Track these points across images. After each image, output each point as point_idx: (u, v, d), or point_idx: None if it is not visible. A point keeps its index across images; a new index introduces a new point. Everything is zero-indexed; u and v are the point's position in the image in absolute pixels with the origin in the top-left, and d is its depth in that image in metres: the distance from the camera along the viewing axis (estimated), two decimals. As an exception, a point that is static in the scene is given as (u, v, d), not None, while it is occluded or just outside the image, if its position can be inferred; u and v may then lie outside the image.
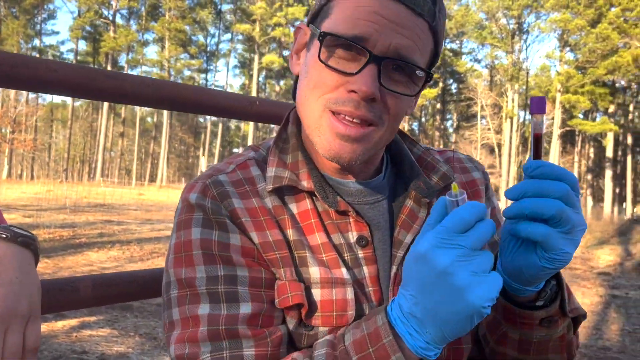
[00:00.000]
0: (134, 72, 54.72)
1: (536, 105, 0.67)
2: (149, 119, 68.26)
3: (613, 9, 36.98)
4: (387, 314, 0.66)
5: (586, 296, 7.76)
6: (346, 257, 0.80)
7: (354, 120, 0.75)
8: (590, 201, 36.89)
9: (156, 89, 1.15)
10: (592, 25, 37.51)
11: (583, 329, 6.07)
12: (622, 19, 36.45)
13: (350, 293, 0.77)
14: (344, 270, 0.78)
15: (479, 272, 0.60)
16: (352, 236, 0.81)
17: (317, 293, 0.76)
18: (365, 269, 0.80)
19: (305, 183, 0.80)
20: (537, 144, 0.68)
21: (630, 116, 45.12)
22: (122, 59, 53.52)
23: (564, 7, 39.02)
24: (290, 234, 0.79)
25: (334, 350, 0.69)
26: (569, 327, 0.81)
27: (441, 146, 53.74)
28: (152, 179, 58.84)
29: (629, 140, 44.14)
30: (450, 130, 58.58)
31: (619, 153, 45.72)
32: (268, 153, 0.86)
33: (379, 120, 0.76)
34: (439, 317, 0.61)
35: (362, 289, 0.79)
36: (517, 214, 0.66)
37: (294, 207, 0.81)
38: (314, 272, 0.77)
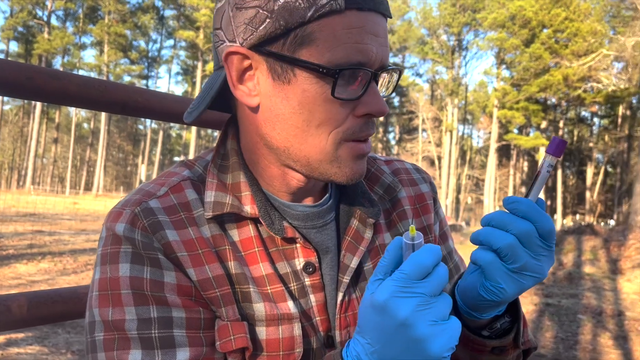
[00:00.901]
0: (71, 76, 52.55)
1: (554, 146, 0.68)
2: (85, 125, 65.75)
3: (545, 30, 39.07)
4: None
5: (522, 305, 8.02)
6: (292, 288, 0.75)
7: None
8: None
9: (104, 92, 1.06)
10: (526, 45, 39.48)
11: (520, 336, 6.26)
12: (553, 39, 38.57)
13: (297, 329, 0.72)
14: (290, 303, 0.73)
15: (438, 321, 0.58)
16: (299, 263, 0.76)
17: (262, 331, 0.71)
18: (312, 297, 0.76)
19: (249, 208, 0.74)
20: (535, 181, 0.69)
21: (560, 132, 47.61)
22: (57, 62, 51.37)
23: (501, 27, 40.86)
24: (232, 266, 0.72)
25: None
26: (519, 357, 0.81)
27: (383, 158, 54.62)
28: (88, 187, 56.57)
29: (559, 154, 46.42)
30: (393, 142, 59.82)
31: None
32: (205, 171, 0.78)
33: None
34: None
35: (309, 320, 0.75)
36: (473, 240, 0.68)
37: (235, 235, 0.75)
38: (259, 308, 0.71)
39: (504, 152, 49.38)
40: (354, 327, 0.77)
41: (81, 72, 51.52)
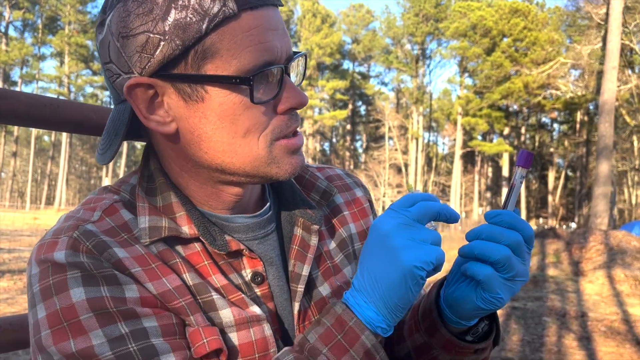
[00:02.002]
0: (29, 88, 51.38)
1: (523, 158, 0.72)
2: (45, 138, 64.06)
3: (505, 39, 40.08)
4: (345, 301, 0.66)
5: (489, 309, 8.16)
6: (250, 296, 0.73)
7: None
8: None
9: (56, 110, 1.02)
10: (488, 54, 40.39)
11: (488, 341, 6.34)
12: (513, 48, 39.59)
13: (267, 329, 0.70)
14: (254, 307, 0.71)
15: (417, 239, 0.63)
16: (246, 274, 0.74)
17: (234, 337, 0.68)
18: (264, 307, 0.74)
19: (187, 229, 0.70)
20: (510, 192, 0.72)
21: (522, 138, 48.82)
22: (16, 74, 49.98)
23: (463, 36, 41.72)
24: (189, 277, 0.69)
25: (301, 352, 0.64)
26: (490, 350, 0.84)
27: (352, 167, 55.03)
28: (50, 202, 55.06)
29: (522, 160, 47.51)
30: (360, 150, 60.21)
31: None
32: (132, 196, 0.74)
33: None
34: (380, 281, 0.63)
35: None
36: (467, 253, 0.69)
37: (181, 251, 0.71)
38: (226, 314, 0.68)
39: (469, 158, 50.28)
40: None
41: (41, 84, 50.38)
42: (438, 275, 0.77)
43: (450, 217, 0.68)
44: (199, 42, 0.64)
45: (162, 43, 0.63)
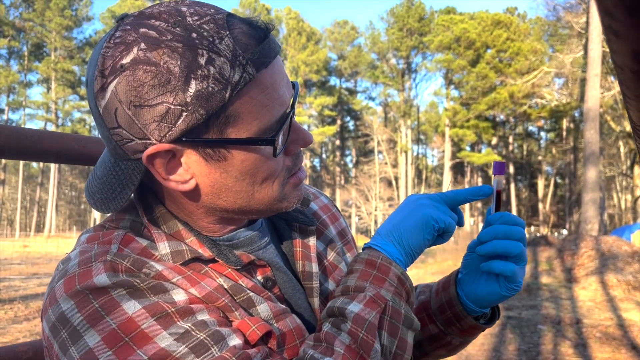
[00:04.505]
0: (16, 115, 51.19)
1: (497, 168, 0.84)
2: (34, 165, 63.64)
3: (489, 51, 40.60)
4: (370, 245, 0.79)
5: (485, 319, 8.14)
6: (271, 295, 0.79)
7: None
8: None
9: (37, 142, 1.03)
10: (472, 65, 40.88)
11: (484, 351, 6.33)
12: (497, 59, 40.09)
13: (297, 319, 0.76)
14: (278, 303, 0.76)
15: (440, 209, 0.80)
16: (259, 280, 0.79)
17: (275, 328, 0.73)
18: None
19: (202, 251, 0.74)
20: (498, 199, 0.84)
21: (511, 147, 49.20)
22: (2, 101, 49.81)
23: (447, 49, 42.22)
24: (222, 281, 0.73)
25: (347, 293, 0.74)
26: None
27: (342, 181, 55.08)
28: (40, 228, 54.51)
29: (511, 169, 48.00)
30: (350, 165, 60.32)
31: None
32: (135, 229, 0.74)
33: None
34: (400, 226, 0.78)
35: None
36: (491, 252, 0.81)
37: (204, 265, 0.75)
38: (264, 308, 0.73)
39: (459, 169, 50.55)
40: None
41: (28, 111, 50.19)
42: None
43: (480, 196, 0.83)
44: (221, 109, 0.64)
45: (184, 113, 0.63)
